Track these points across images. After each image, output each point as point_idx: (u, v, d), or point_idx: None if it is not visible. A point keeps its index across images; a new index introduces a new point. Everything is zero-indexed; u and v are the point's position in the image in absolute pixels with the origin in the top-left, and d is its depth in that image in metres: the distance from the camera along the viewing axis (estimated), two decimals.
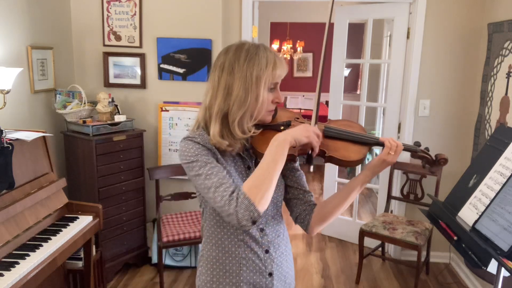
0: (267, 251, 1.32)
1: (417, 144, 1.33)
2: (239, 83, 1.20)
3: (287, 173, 1.41)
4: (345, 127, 1.33)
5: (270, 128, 1.29)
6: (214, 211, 1.29)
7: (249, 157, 1.32)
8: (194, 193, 3.32)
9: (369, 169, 1.29)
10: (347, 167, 1.56)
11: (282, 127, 1.28)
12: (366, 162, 3.84)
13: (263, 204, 1.12)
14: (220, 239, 1.31)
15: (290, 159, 1.25)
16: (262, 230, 1.32)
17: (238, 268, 1.30)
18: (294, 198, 1.42)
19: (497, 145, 1.69)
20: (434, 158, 1.31)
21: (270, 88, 1.24)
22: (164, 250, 3.27)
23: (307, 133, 1.18)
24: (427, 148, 1.34)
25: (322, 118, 1.40)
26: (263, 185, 1.12)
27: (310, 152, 1.22)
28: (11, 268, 1.90)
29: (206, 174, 1.18)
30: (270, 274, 1.33)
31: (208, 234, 1.34)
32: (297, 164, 1.41)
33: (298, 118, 1.36)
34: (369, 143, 1.30)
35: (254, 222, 1.11)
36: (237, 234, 1.29)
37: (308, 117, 1.40)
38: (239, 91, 1.19)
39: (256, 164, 1.29)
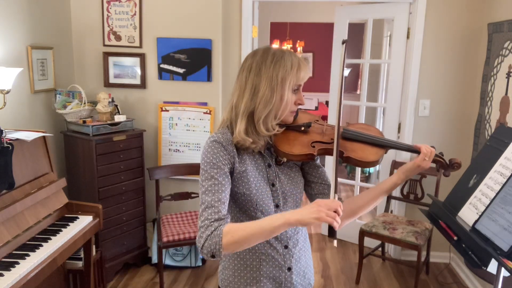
0: (286, 247, 1.37)
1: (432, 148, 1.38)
2: (266, 83, 1.26)
3: (309, 170, 1.46)
4: (363, 130, 1.39)
5: (291, 128, 1.36)
6: (235, 209, 1.35)
7: (269, 155, 1.38)
8: (194, 193, 3.32)
9: (404, 173, 1.36)
10: (364, 167, 1.60)
11: (303, 128, 1.36)
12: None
13: (229, 251, 1.18)
14: None
15: (309, 158, 1.31)
16: None
17: (258, 263, 1.35)
18: (319, 194, 1.45)
19: (497, 145, 1.69)
20: (448, 162, 1.38)
21: (294, 90, 1.30)
22: (164, 250, 3.27)
23: (318, 213, 1.11)
24: (441, 153, 1.39)
25: (321, 118, 1.42)
26: (239, 240, 1.16)
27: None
28: (11, 268, 1.90)
29: (206, 189, 1.25)
30: (289, 269, 1.38)
31: None
32: (318, 161, 1.46)
33: (318, 121, 1.43)
34: (388, 146, 1.36)
35: (213, 257, 1.18)
36: None
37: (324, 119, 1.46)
38: (265, 91, 1.26)
39: (276, 162, 1.38)
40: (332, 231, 1.15)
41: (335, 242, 1.16)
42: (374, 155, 1.33)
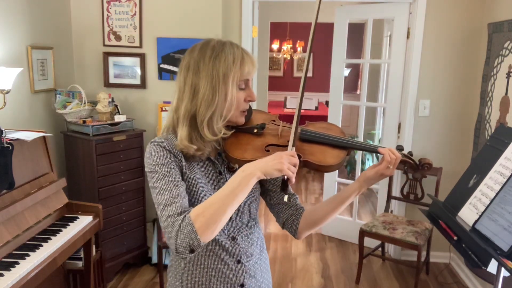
0: (238, 261, 1.26)
1: (400, 148, 1.26)
2: (206, 81, 1.14)
3: (268, 178, 1.35)
4: (323, 130, 1.26)
5: (243, 131, 1.22)
6: None
7: (220, 162, 1.25)
8: None
9: (365, 181, 1.23)
10: (324, 172, 1.42)
11: (255, 130, 1.22)
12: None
13: (208, 235, 1.03)
14: None
15: None
16: (234, 239, 1.26)
17: (207, 280, 1.23)
18: (280, 203, 1.34)
19: (497, 145, 1.69)
20: (417, 163, 1.27)
21: (241, 86, 1.18)
22: (164, 250, 3.27)
23: (281, 165, 1.03)
24: (410, 153, 1.29)
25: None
26: (213, 216, 1.02)
27: (285, 178, 1.08)
28: (11, 268, 1.90)
29: (160, 188, 1.11)
30: (242, 285, 1.26)
31: None
32: None
33: (274, 121, 1.29)
34: (351, 147, 1.24)
35: (192, 251, 1.04)
36: (207, 244, 1.17)
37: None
38: (206, 90, 1.14)
39: (229, 169, 1.25)
40: (285, 185, 1.10)
41: (286, 197, 1.11)
42: (334, 158, 1.19)
